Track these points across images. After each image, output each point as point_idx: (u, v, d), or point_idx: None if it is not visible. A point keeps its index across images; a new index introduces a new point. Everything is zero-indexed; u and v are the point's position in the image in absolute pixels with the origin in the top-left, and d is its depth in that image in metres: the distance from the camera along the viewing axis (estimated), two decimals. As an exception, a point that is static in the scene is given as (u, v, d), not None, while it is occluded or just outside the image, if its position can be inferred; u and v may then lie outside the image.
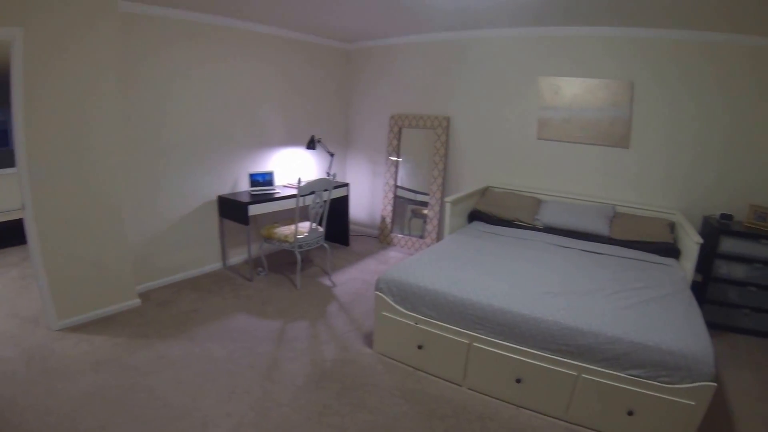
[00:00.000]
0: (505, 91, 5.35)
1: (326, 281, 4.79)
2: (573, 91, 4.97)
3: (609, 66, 4.81)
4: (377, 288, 3.31)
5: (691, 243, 3.83)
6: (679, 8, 3.81)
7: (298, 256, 4.48)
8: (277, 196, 4.82)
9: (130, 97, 4.12)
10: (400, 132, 5.97)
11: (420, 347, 3.16)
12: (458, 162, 5.75)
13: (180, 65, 4.46)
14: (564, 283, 3.28)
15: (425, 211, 5.91)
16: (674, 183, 4.79)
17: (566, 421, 2.84)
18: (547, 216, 4.76)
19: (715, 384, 2.46)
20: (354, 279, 4.89)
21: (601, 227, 4.51)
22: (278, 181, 5.47)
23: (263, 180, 5.07)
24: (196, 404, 2.84)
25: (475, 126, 5.59)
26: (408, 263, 3.46)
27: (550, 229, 4.67)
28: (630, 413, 2.64)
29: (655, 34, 4.55)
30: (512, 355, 2.89)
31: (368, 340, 3.59)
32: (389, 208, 6.11)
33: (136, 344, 3.49)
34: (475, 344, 2.98)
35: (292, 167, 5.74)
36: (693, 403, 2.49)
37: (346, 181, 6.01)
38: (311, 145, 5.42)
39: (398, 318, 3.22)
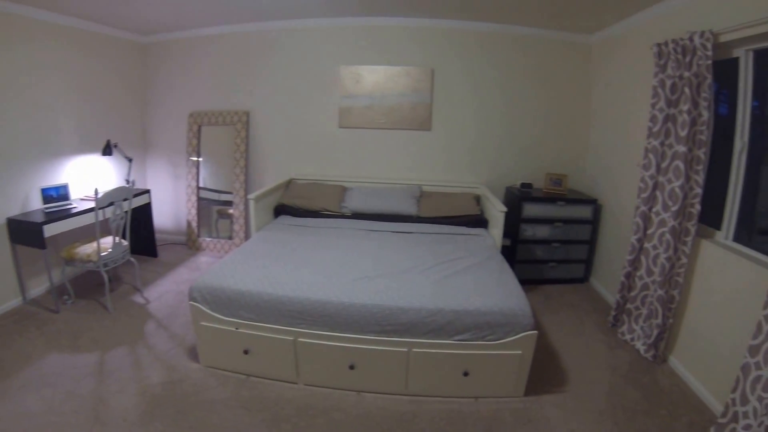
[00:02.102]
0: (307, 82, 5.33)
1: (139, 299, 4.39)
2: (375, 78, 5.13)
3: (410, 54, 5.07)
4: (191, 298, 3.08)
5: (496, 212, 4.20)
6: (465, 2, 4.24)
7: (105, 276, 4.03)
8: (74, 211, 4.26)
9: None
10: (199, 130, 5.65)
11: (246, 352, 3.01)
12: (260, 157, 5.62)
13: None
14: (378, 266, 3.36)
15: (231, 211, 5.71)
16: (476, 159, 5.27)
17: (408, 395, 2.93)
18: (354, 202, 4.83)
19: (536, 332, 2.80)
20: (168, 292, 4.55)
21: (408, 207, 4.72)
22: (74, 194, 4.79)
23: (57, 194, 4.44)
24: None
25: (276, 119, 5.49)
26: (219, 267, 3.28)
27: (358, 215, 4.74)
28: (466, 374, 2.84)
29: (452, 25, 4.93)
30: (340, 344, 2.87)
31: (194, 354, 3.35)
32: (194, 211, 5.79)
33: None
34: (300, 340, 2.90)
35: (89, 177, 5.09)
36: (520, 352, 2.80)
37: (147, 188, 5.51)
38: (107, 150, 4.90)
39: (218, 326, 3.03)
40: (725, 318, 2.93)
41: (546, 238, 4.75)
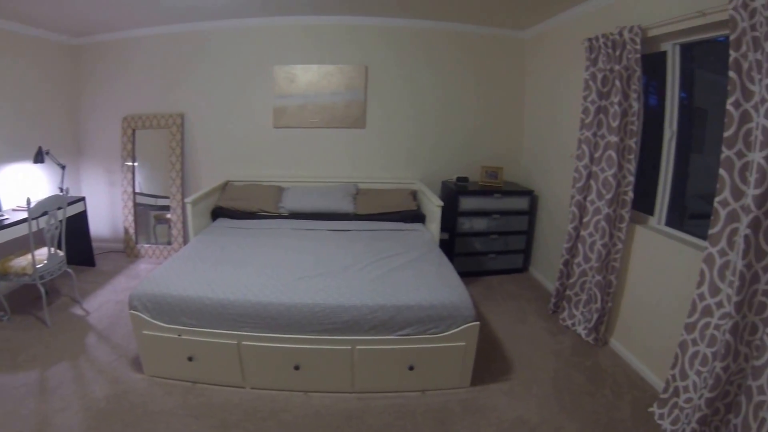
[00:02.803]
0: (241, 83, 5.21)
1: (78, 311, 4.16)
2: (309, 77, 5.07)
3: (344, 52, 5.04)
4: (131, 307, 2.94)
5: (433, 207, 4.26)
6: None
7: (42, 289, 3.80)
8: (6, 222, 4.00)
9: None
10: (133, 134, 5.43)
11: (191, 359, 2.90)
12: (196, 160, 5.46)
13: None
14: (318, 265, 3.33)
15: (168, 216, 5.53)
16: (412, 155, 5.32)
17: (355, 392, 2.92)
18: (291, 202, 4.77)
19: (478, 323, 2.84)
20: (107, 302, 4.34)
21: (345, 205, 4.71)
22: (6, 204, 4.53)
23: (-13, 206, 4.18)
24: None
25: (211, 121, 5.34)
26: (158, 274, 3.15)
27: (295, 215, 4.68)
28: (411, 368, 2.85)
29: (386, 22, 4.93)
30: (284, 345, 2.82)
31: (137, 364, 3.20)
32: (131, 218, 5.56)
33: None
34: (244, 343, 2.83)
35: (21, 186, 4.81)
36: (463, 343, 2.85)
37: (82, 195, 5.25)
38: (39, 158, 4.61)
39: (160, 334, 2.91)
40: (661, 299, 3.08)
41: (484, 230, 4.83)
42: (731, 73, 2.33)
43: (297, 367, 2.84)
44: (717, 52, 2.74)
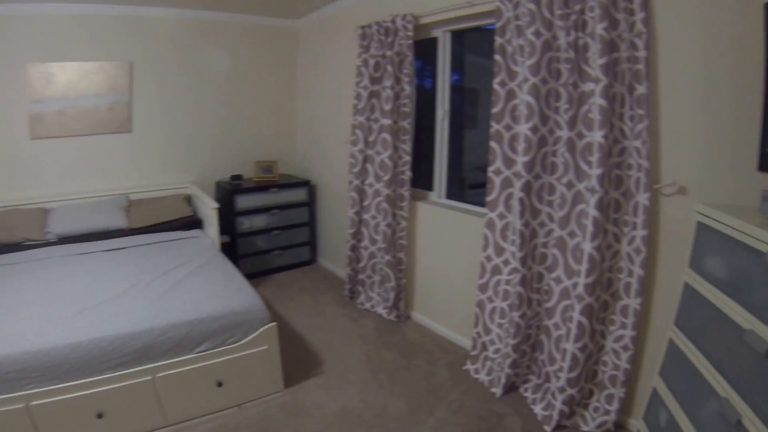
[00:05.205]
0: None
1: None
2: (68, 77, 4.13)
3: (106, 47, 4.22)
4: None
5: (209, 210, 4.00)
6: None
7: None
8: None
9: None
10: None
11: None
12: None
13: None
14: (97, 293, 2.83)
15: None
16: (182, 158, 4.80)
17: (170, 425, 2.58)
18: (59, 225, 3.94)
19: (275, 323, 2.75)
20: None
21: (117, 221, 4.08)
22: None
23: None
24: None
25: None
26: None
27: (65, 239, 3.89)
28: (220, 384, 2.64)
29: (152, 12, 4.31)
30: (79, 394, 2.29)
31: None
32: None
33: None
34: (34, 403, 2.21)
35: None
36: (266, 347, 2.74)
37: None
38: None
39: None
40: (453, 266, 3.35)
41: (265, 227, 4.67)
42: (497, 57, 2.64)
43: (100, 415, 2.33)
44: (486, 38, 3.04)
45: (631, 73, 2.15)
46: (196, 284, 2.96)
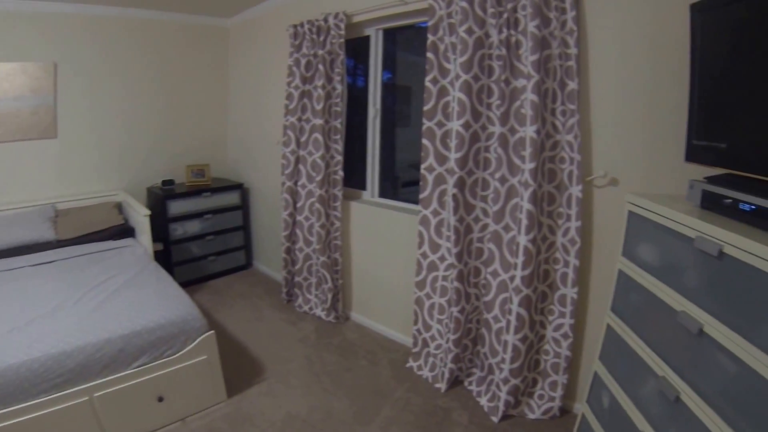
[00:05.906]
0: None
1: None
2: None
3: (27, 46, 3.87)
4: None
5: (140, 217, 3.83)
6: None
7: None
8: None
9: None
10: None
11: None
12: None
13: None
14: (26, 311, 2.62)
15: None
16: (111, 164, 4.51)
17: None
18: None
19: (213, 331, 2.67)
20: None
21: (44, 233, 3.80)
22: None
23: None
24: None
25: None
26: None
27: None
28: (161, 399, 2.54)
29: (78, 10, 4.00)
30: (12, 422, 2.12)
31: None
32: None
33: None
34: None
35: None
36: (205, 357, 2.65)
37: None
38: None
39: None
40: (389, 265, 3.35)
41: (199, 233, 4.51)
42: (429, 54, 2.66)
43: (36, 443, 2.17)
44: (419, 36, 3.06)
45: (562, 69, 2.22)
46: (129, 296, 2.82)
